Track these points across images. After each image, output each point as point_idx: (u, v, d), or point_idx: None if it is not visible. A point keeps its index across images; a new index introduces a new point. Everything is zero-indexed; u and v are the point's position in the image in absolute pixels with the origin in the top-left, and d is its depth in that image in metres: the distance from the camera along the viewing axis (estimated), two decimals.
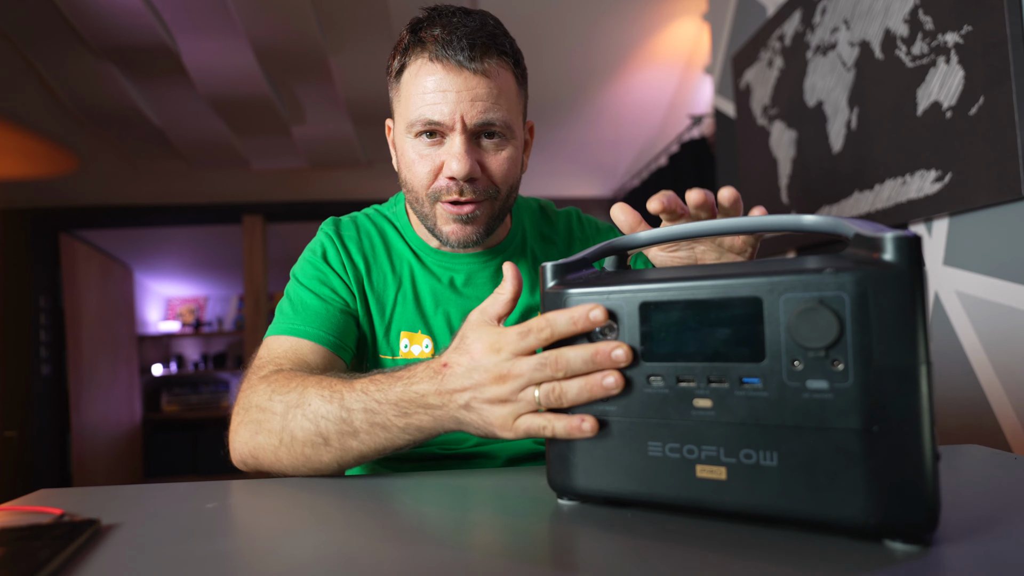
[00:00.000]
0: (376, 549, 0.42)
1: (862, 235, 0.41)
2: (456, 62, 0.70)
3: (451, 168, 0.72)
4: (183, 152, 3.34)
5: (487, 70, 0.71)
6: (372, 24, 2.38)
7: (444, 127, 0.72)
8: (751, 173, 1.85)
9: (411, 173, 0.76)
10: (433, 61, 0.71)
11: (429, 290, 0.84)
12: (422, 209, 0.78)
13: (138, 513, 0.53)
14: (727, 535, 0.42)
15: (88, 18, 2.12)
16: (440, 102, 0.71)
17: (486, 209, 0.77)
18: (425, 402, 0.54)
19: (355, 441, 0.58)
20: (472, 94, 0.71)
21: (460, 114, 0.71)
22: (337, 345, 0.78)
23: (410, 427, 0.56)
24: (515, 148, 0.77)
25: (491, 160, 0.75)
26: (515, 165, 0.78)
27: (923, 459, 0.37)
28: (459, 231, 0.77)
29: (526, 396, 0.49)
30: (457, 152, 0.72)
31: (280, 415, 0.62)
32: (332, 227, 0.86)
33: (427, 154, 0.75)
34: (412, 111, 0.73)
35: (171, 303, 5.78)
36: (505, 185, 0.77)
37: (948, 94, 1.09)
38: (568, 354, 0.47)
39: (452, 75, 0.71)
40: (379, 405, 0.57)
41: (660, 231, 0.55)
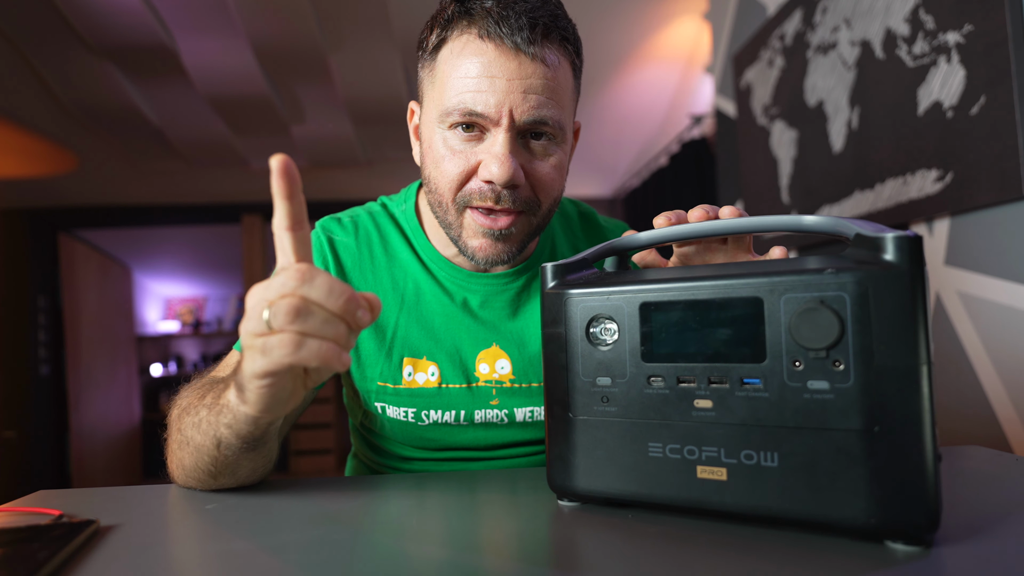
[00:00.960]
0: (376, 549, 0.42)
1: (863, 235, 0.41)
2: (512, 43, 0.59)
3: (490, 171, 0.61)
4: (182, 152, 3.34)
5: (546, 57, 0.60)
6: (372, 24, 2.37)
7: (487, 120, 0.61)
8: (751, 173, 1.85)
9: (438, 171, 0.64)
10: (483, 39, 0.60)
11: (440, 310, 0.73)
12: (446, 216, 0.66)
13: (137, 513, 0.52)
14: (728, 536, 0.42)
15: (88, 18, 2.12)
16: (486, 90, 0.59)
17: (523, 225, 0.65)
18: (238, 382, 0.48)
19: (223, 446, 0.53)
20: (525, 84, 0.59)
21: (509, 107, 0.59)
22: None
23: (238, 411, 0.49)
24: (564, 154, 0.66)
25: (537, 166, 0.64)
26: (562, 175, 0.67)
27: (924, 460, 0.37)
28: (488, 248, 0.65)
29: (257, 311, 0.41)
30: (499, 152, 0.60)
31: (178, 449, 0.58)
32: (325, 231, 0.76)
33: (461, 150, 0.63)
34: (449, 97, 0.61)
35: (170, 303, 5.78)
36: (548, 198, 0.66)
37: (949, 93, 1.08)
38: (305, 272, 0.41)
39: (504, 59, 0.59)
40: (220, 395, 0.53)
41: (660, 231, 0.55)
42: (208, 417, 0.53)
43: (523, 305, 0.76)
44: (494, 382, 0.73)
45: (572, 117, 0.67)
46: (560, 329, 0.49)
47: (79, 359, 4.03)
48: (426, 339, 0.73)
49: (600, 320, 0.48)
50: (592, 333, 0.48)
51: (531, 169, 0.64)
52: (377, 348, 0.72)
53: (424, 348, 0.72)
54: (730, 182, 2.06)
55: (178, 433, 0.57)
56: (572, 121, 0.68)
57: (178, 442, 0.57)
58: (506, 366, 0.74)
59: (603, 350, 0.47)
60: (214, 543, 0.45)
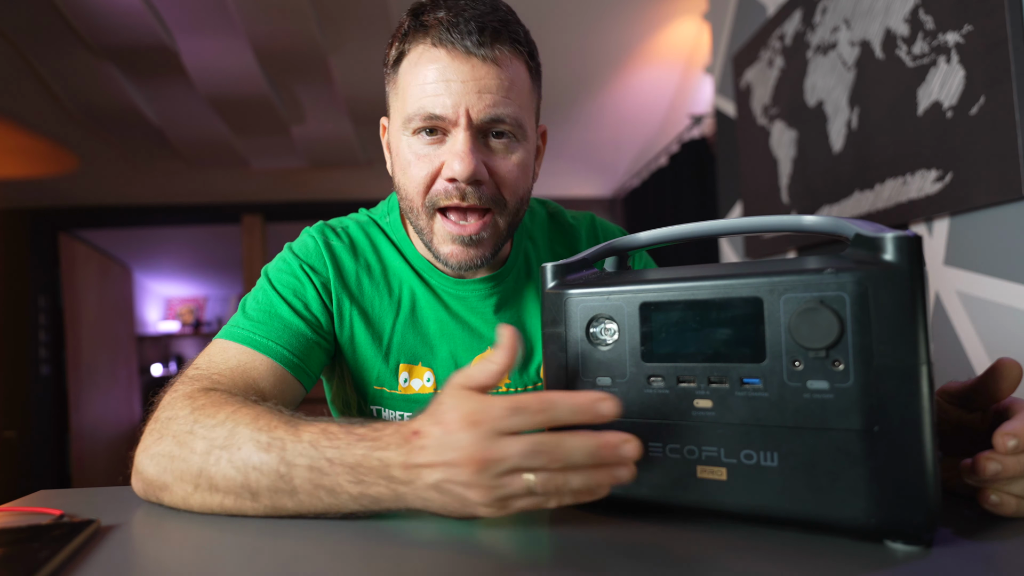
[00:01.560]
0: (376, 549, 0.42)
1: (862, 235, 0.41)
2: (463, 47, 0.61)
3: (452, 168, 0.63)
4: (183, 152, 3.34)
5: (498, 58, 0.62)
6: (371, 23, 2.37)
7: (446, 122, 0.63)
8: (751, 173, 1.85)
9: (406, 177, 0.67)
10: (436, 46, 0.62)
11: (434, 316, 0.74)
12: (418, 222, 0.68)
13: (138, 513, 0.52)
14: (728, 536, 0.42)
15: (88, 18, 2.12)
16: (442, 93, 0.62)
17: (492, 228, 0.67)
18: (388, 473, 0.44)
19: (291, 502, 0.47)
20: (480, 84, 0.62)
21: (465, 107, 0.62)
22: (299, 367, 0.66)
23: (364, 497, 0.45)
24: (526, 152, 0.67)
25: (499, 164, 0.65)
26: (526, 172, 0.68)
27: (924, 459, 0.37)
28: (460, 254, 0.67)
29: (514, 483, 0.40)
30: (459, 150, 0.62)
31: (200, 455, 0.50)
32: (321, 235, 0.75)
33: (425, 154, 0.65)
34: (410, 104, 0.64)
35: (170, 303, 5.78)
36: (514, 196, 0.67)
37: (949, 94, 1.08)
38: (568, 444, 0.39)
39: (457, 62, 0.62)
40: (330, 465, 0.45)
41: (660, 231, 0.55)
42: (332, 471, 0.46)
43: (510, 309, 0.77)
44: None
45: (532, 117, 0.69)
46: (560, 329, 0.49)
47: (79, 359, 4.03)
48: (421, 345, 0.73)
49: (600, 320, 0.48)
50: (592, 333, 0.48)
51: (493, 167, 0.65)
52: (375, 352, 0.73)
53: (420, 354, 0.73)
54: (730, 182, 2.06)
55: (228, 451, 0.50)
56: (533, 121, 0.69)
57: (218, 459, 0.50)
58: None
59: (603, 350, 0.47)
60: (214, 543, 0.45)
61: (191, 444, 0.51)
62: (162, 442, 0.53)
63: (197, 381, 0.60)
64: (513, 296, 0.78)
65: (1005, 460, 0.41)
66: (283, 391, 0.65)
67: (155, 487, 0.53)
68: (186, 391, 0.58)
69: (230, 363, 0.63)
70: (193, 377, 0.61)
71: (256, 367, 0.64)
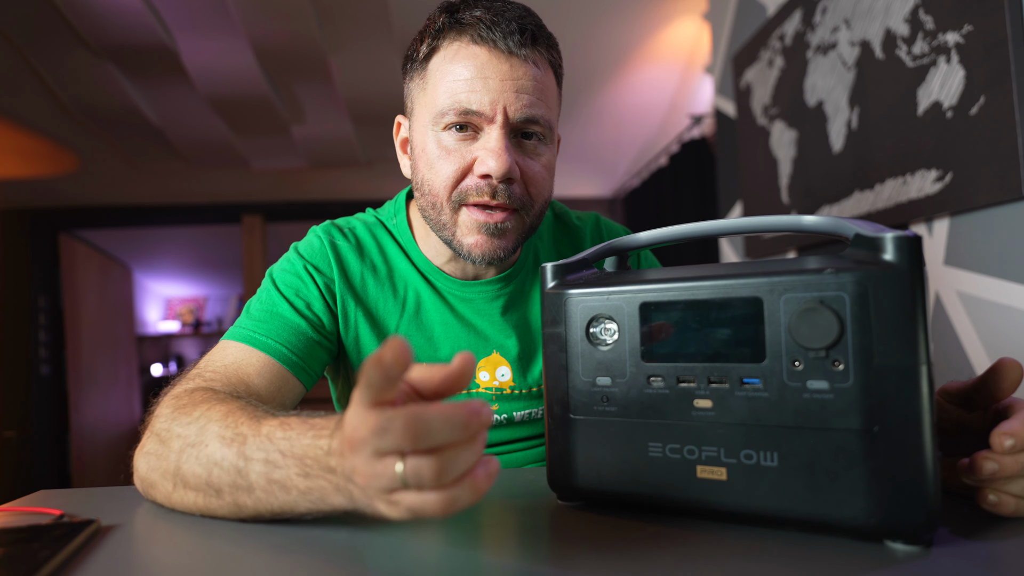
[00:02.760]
0: (377, 549, 0.42)
1: (862, 235, 0.41)
2: (505, 46, 0.62)
3: (487, 164, 0.62)
4: (183, 152, 3.34)
5: (536, 60, 0.63)
6: (372, 24, 2.37)
7: (482, 118, 0.63)
8: (751, 173, 1.85)
9: (432, 171, 0.66)
10: (476, 43, 0.62)
11: (439, 319, 0.74)
12: (439, 217, 0.67)
13: (138, 513, 0.52)
14: (728, 536, 0.42)
15: (88, 18, 2.12)
16: (480, 89, 0.62)
17: (517, 223, 0.67)
18: (327, 462, 0.40)
19: (249, 499, 0.45)
20: (518, 84, 0.62)
21: (503, 104, 0.62)
22: (298, 365, 0.66)
23: (312, 492, 0.42)
24: (552, 155, 0.68)
25: (529, 164, 0.66)
26: (551, 174, 0.69)
27: (924, 459, 0.37)
28: (484, 244, 0.66)
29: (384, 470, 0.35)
30: (495, 147, 0.62)
31: (176, 453, 0.50)
32: (327, 235, 0.74)
33: (456, 149, 0.64)
34: (443, 98, 0.63)
35: (170, 303, 5.78)
36: (540, 197, 0.68)
37: (949, 94, 1.08)
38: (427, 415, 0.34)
39: (497, 60, 0.62)
40: (282, 458, 0.43)
41: (660, 231, 0.55)
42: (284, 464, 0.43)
43: (517, 311, 0.77)
44: (494, 389, 0.75)
45: (558, 120, 0.70)
46: (560, 329, 0.49)
47: (79, 359, 4.03)
48: (426, 347, 0.74)
49: (600, 320, 0.48)
50: (592, 333, 0.48)
51: (524, 167, 0.66)
52: None
53: (424, 356, 0.73)
54: (730, 182, 2.06)
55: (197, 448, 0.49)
56: (557, 124, 0.70)
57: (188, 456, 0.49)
58: (507, 373, 0.75)
59: (603, 350, 0.47)
60: (215, 542, 0.45)
61: (169, 442, 0.51)
62: (150, 441, 0.54)
63: (190, 381, 0.61)
64: (520, 297, 0.78)
65: (1002, 460, 0.41)
66: (280, 388, 0.65)
67: (146, 484, 0.54)
68: (176, 391, 0.58)
69: (225, 360, 0.64)
70: (189, 377, 0.62)
71: (252, 364, 0.64)
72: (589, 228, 0.84)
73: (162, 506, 0.53)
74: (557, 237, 0.83)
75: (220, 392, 0.57)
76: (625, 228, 0.86)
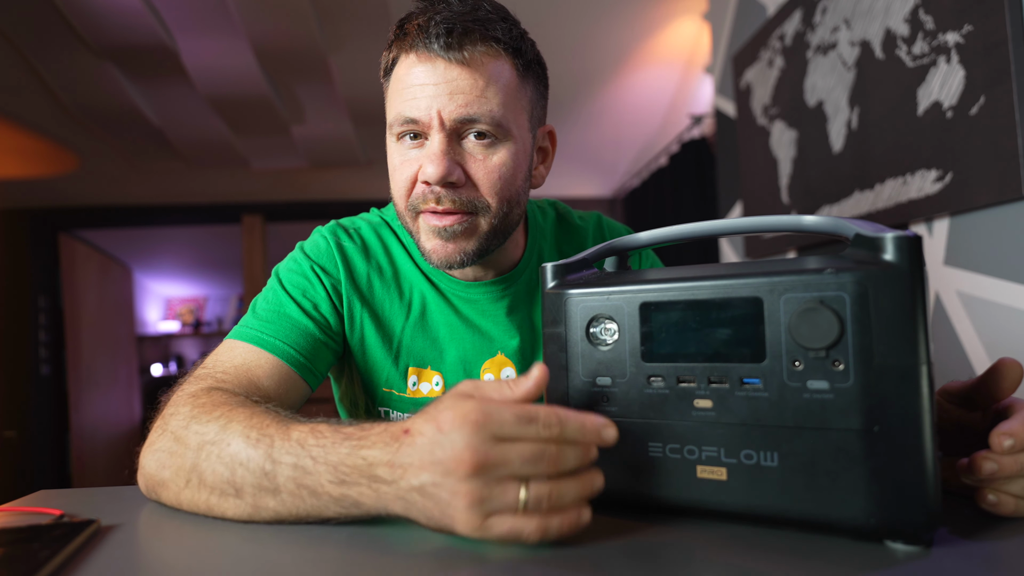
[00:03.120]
0: (377, 549, 0.42)
1: (862, 235, 0.41)
2: (431, 51, 0.62)
3: (425, 171, 0.63)
4: (183, 152, 3.34)
5: (469, 59, 0.62)
6: (372, 24, 2.37)
7: (422, 125, 0.64)
8: (751, 173, 1.85)
9: (393, 181, 0.68)
10: (409, 52, 0.64)
11: (444, 320, 0.74)
12: (406, 224, 0.69)
13: (138, 513, 0.52)
14: (728, 536, 0.42)
15: (88, 18, 2.12)
16: (418, 96, 0.63)
17: (474, 226, 0.66)
18: (372, 472, 0.42)
19: (273, 501, 0.46)
20: (451, 87, 0.62)
21: (437, 109, 0.62)
22: (304, 366, 0.67)
23: (346, 499, 0.44)
24: (512, 152, 0.66)
25: (477, 165, 0.65)
26: (512, 172, 0.66)
27: (924, 459, 0.37)
28: (440, 249, 0.66)
29: (508, 494, 0.38)
30: (431, 152, 0.63)
31: (194, 450, 0.50)
32: (333, 236, 0.75)
33: (407, 159, 0.66)
34: (392, 110, 0.66)
35: (170, 303, 5.78)
36: (497, 197, 0.66)
37: (949, 94, 1.08)
38: (568, 453, 0.39)
39: (428, 66, 0.63)
40: (314, 464, 0.44)
41: (660, 231, 0.55)
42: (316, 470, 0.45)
43: (521, 311, 0.77)
44: None
45: (522, 116, 0.67)
46: (560, 329, 0.49)
47: (80, 359, 4.03)
48: (431, 349, 0.74)
49: (600, 320, 0.48)
50: (592, 333, 0.48)
51: (472, 169, 0.65)
52: (384, 355, 0.73)
53: (429, 358, 0.73)
54: (730, 182, 2.06)
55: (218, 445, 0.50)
56: (524, 119, 0.67)
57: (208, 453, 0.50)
58: (512, 374, 0.75)
59: (603, 350, 0.47)
60: (215, 543, 0.45)
61: (187, 440, 0.51)
62: (163, 438, 0.54)
63: (202, 380, 0.60)
64: (525, 298, 0.78)
65: (1002, 460, 0.41)
66: (287, 389, 0.65)
67: (154, 483, 0.53)
68: (191, 390, 0.58)
69: (235, 361, 0.64)
70: (199, 376, 0.61)
71: (260, 365, 0.64)
72: (592, 228, 0.85)
73: (165, 506, 0.53)
74: (560, 237, 0.84)
75: (237, 394, 0.57)
76: (627, 227, 0.86)
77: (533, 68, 0.69)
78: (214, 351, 0.67)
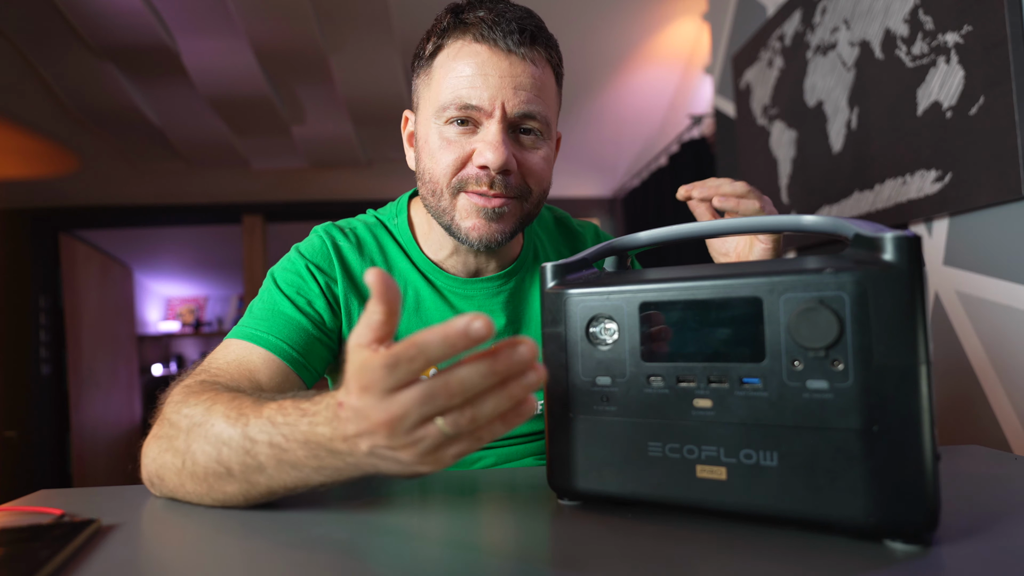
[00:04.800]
0: (378, 548, 0.42)
1: (862, 235, 0.41)
2: (504, 45, 0.65)
3: (485, 156, 0.66)
4: (183, 152, 3.34)
5: (534, 58, 0.67)
6: (372, 24, 2.37)
7: (481, 112, 0.66)
8: (751, 173, 1.85)
9: (434, 161, 0.69)
10: (477, 42, 0.66)
11: (439, 317, 0.75)
12: (439, 203, 0.70)
13: (138, 513, 0.53)
14: (728, 536, 0.42)
15: (88, 18, 2.12)
16: (480, 85, 0.65)
17: (515, 208, 0.70)
18: (332, 447, 0.44)
19: (262, 476, 0.48)
20: (516, 81, 0.66)
21: (502, 100, 0.65)
22: (299, 362, 0.68)
23: (324, 470, 0.45)
24: (549, 150, 0.72)
25: (527, 156, 0.69)
26: (549, 167, 0.72)
27: (923, 459, 0.37)
28: (482, 227, 0.69)
29: (428, 432, 0.38)
30: (493, 140, 0.65)
31: (184, 432, 0.52)
32: (328, 235, 0.76)
33: (456, 141, 0.68)
34: (446, 93, 0.67)
35: (171, 303, 5.78)
36: (538, 186, 0.71)
37: (948, 94, 1.09)
38: (461, 374, 0.37)
39: (497, 58, 0.65)
40: (286, 441, 0.46)
41: (660, 231, 0.55)
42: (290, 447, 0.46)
43: (517, 308, 0.79)
44: None
45: (556, 118, 0.73)
46: (560, 329, 0.49)
47: (80, 359, 4.03)
48: None
49: (600, 320, 0.48)
50: (592, 333, 0.48)
51: (522, 159, 0.69)
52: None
53: None
54: None
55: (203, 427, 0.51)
56: (555, 121, 0.73)
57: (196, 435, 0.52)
58: None
59: (603, 350, 0.47)
60: (215, 542, 0.45)
61: (178, 423, 0.53)
62: (161, 426, 0.56)
63: (198, 375, 0.62)
64: (520, 293, 0.79)
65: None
66: (281, 385, 0.66)
67: (156, 469, 0.55)
68: (186, 382, 0.60)
69: (229, 358, 0.65)
70: (195, 372, 0.64)
71: (253, 360, 0.65)
72: (590, 235, 0.88)
73: (169, 498, 0.54)
74: (557, 238, 0.86)
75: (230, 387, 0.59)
76: None
77: (560, 78, 0.74)
78: (212, 351, 0.68)
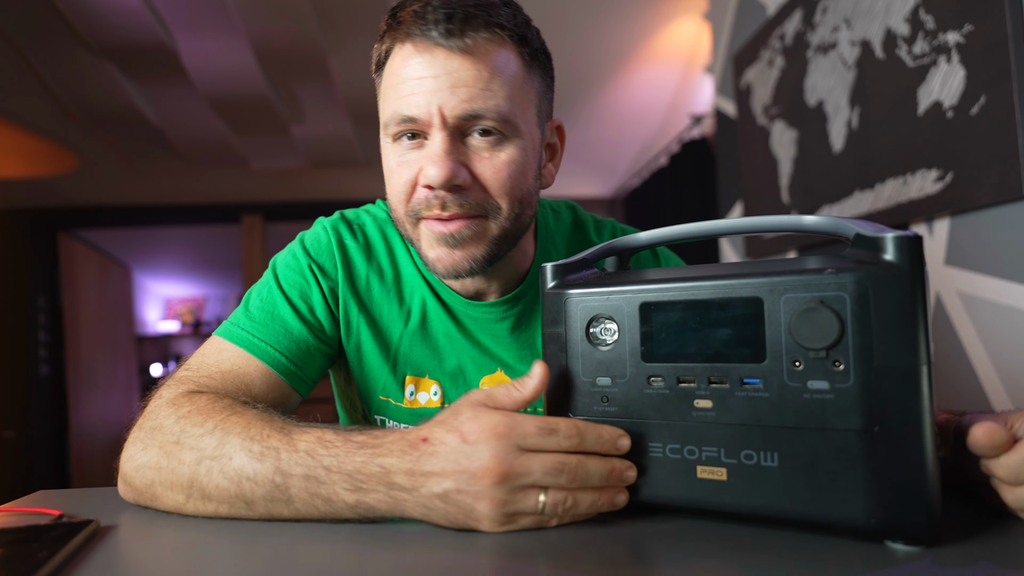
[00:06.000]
0: (374, 549, 0.42)
1: (863, 235, 0.41)
2: (429, 39, 0.55)
3: (427, 175, 0.57)
4: (182, 152, 3.34)
5: (472, 48, 0.56)
6: (372, 23, 2.36)
7: (422, 124, 0.57)
8: (752, 173, 1.85)
9: (390, 186, 0.62)
10: (405, 42, 0.57)
11: (443, 330, 0.70)
12: (406, 231, 0.63)
13: (137, 513, 0.52)
14: (728, 536, 0.42)
15: (88, 18, 2.12)
16: (415, 92, 0.56)
17: (481, 229, 0.60)
18: (389, 480, 0.43)
19: (287, 509, 0.47)
20: (453, 79, 0.56)
21: (438, 104, 0.56)
22: (296, 375, 0.64)
23: (361, 505, 0.45)
24: (520, 149, 0.60)
25: (484, 164, 0.59)
26: (521, 171, 0.60)
27: (924, 460, 0.37)
28: (446, 258, 0.60)
29: (528, 500, 0.42)
30: (433, 153, 0.57)
31: (190, 466, 0.49)
32: (335, 232, 0.70)
33: (405, 160, 0.60)
34: (386, 108, 0.60)
35: (170, 303, 5.78)
36: (507, 198, 0.60)
37: (949, 93, 1.08)
38: (590, 466, 0.43)
39: (426, 56, 0.56)
40: (327, 473, 0.45)
41: (660, 231, 0.55)
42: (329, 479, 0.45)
43: (527, 331, 0.72)
44: None
45: (529, 109, 0.61)
46: (560, 329, 0.49)
47: (79, 359, 4.03)
48: (430, 358, 0.70)
49: (600, 320, 0.48)
50: (592, 333, 0.48)
51: (478, 169, 0.59)
52: (381, 363, 0.70)
53: (427, 367, 0.70)
54: (730, 182, 2.06)
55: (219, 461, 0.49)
56: (531, 114, 0.62)
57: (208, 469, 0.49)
58: None
59: (603, 350, 0.47)
60: (214, 543, 0.45)
61: (179, 455, 0.50)
62: (148, 452, 0.52)
63: (183, 384, 0.58)
64: (530, 317, 0.72)
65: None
66: (276, 398, 0.63)
67: (145, 497, 0.52)
68: (170, 396, 0.56)
69: (223, 366, 0.61)
70: (180, 379, 0.59)
71: (249, 372, 0.61)
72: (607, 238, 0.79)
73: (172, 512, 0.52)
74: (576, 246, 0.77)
75: (222, 397, 0.55)
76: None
77: (539, 58, 0.63)
78: (200, 349, 0.64)
